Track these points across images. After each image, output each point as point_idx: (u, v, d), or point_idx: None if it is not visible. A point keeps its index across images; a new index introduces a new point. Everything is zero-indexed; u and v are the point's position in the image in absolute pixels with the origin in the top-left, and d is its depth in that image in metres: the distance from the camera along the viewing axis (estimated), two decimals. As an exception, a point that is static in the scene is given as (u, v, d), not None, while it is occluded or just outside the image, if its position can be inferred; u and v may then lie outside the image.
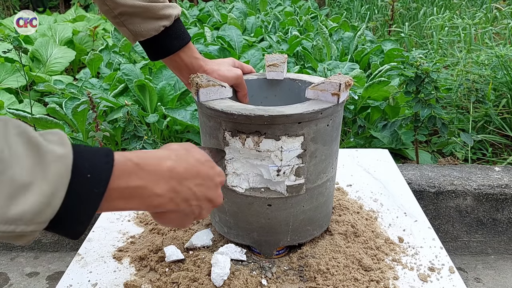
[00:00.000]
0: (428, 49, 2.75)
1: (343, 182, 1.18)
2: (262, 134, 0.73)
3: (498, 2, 3.17)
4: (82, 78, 2.56)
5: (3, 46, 2.76)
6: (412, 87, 1.57)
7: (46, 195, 0.38)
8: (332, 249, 0.86)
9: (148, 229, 0.98)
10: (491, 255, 1.61)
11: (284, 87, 0.95)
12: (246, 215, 0.82)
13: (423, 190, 1.52)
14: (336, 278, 0.79)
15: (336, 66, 2.15)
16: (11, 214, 0.36)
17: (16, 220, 0.36)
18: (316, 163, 0.79)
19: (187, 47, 0.84)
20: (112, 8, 0.78)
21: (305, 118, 0.72)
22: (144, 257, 0.88)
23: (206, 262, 0.82)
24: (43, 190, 0.37)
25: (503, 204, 1.52)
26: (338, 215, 0.98)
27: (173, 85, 2.10)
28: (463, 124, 1.90)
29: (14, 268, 1.61)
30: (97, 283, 0.82)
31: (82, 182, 0.41)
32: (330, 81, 0.75)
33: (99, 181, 0.42)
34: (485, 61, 2.00)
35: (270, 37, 2.92)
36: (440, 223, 1.57)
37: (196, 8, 4.40)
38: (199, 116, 0.84)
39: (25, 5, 5.20)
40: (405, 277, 0.82)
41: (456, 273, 0.84)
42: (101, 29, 3.73)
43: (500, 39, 2.69)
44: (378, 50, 2.52)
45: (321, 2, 4.94)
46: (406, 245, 0.92)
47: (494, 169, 1.61)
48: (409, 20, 3.51)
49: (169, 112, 1.84)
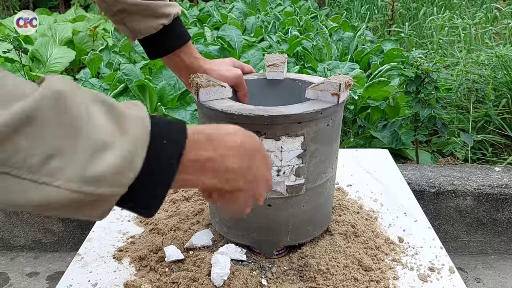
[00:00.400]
0: (428, 49, 2.75)
1: (343, 182, 1.18)
2: (262, 134, 0.73)
3: (498, 2, 3.17)
4: (82, 78, 2.56)
5: (3, 46, 2.75)
6: (412, 87, 1.57)
7: (127, 155, 0.36)
8: (332, 249, 0.86)
9: (148, 229, 0.98)
10: (491, 255, 1.61)
11: (284, 87, 0.95)
12: (246, 215, 0.82)
13: (423, 190, 1.52)
14: (336, 278, 0.79)
15: (336, 66, 2.15)
16: (94, 172, 0.34)
17: (98, 180, 0.34)
18: (316, 163, 0.79)
19: (187, 46, 0.84)
20: (111, 5, 0.78)
21: (305, 118, 0.72)
22: (144, 257, 0.88)
23: (206, 262, 0.82)
24: (124, 150, 0.36)
25: (503, 204, 1.52)
26: (338, 215, 0.98)
27: (173, 85, 2.11)
28: (463, 124, 1.90)
29: (14, 268, 1.61)
30: (97, 283, 0.82)
31: (160, 147, 0.39)
32: (330, 81, 0.75)
33: (175, 148, 0.41)
34: (485, 61, 2.00)
35: (270, 37, 2.92)
36: (440, 223, 1.57)
37: (196, 8, 4.40)
38: (199, 116, 0.84)
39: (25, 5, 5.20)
40: (405, 277, 0.82)
41: (456, 273, 0.84)
42: (101, 29, 3.73)
43: (500, 39, 2.69)
44: (378, 50, 2.52)
45: (321, 2, 4.94)
46: (406, 245, 0.92)
47: (494, 169, 1.61)
48: (409, 20, 3.51)
49: (169, 112, 1.84)
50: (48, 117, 0.32)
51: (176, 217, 1.00)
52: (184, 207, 1.04)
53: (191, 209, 1.03)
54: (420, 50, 2.38)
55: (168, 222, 0.98)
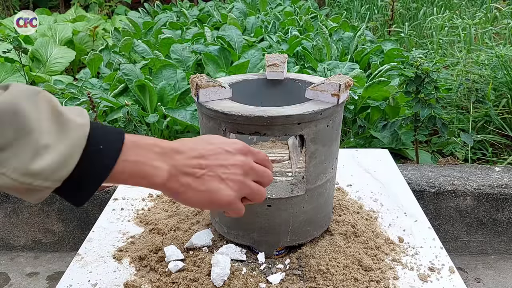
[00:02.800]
0: (428, 49, 2.75)
1: (343, 182, 1.18)
2: (262, 134, 0.73)
3: (498, 2, 3.16)
4: (82, 78, 2.56)
5: (3, 46, 2.75)
6: (412, 87, 1.57)
7: (63, 155, 0.43)
8: (332, 249, 0.86)
9: (148, 229, 0.98)
10: (491, 255, 1.61)
11: (284, 87, 0.95)
12: (246, 215, 0.82)
13: (423, 190, 1.52)
14: (336, 278, 0.79)
15: (336, 66, 2.15)
16: (33, 168, 0.41)
17: (36, 175, 0.42)
18: (316, 163, 0.79)
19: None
20: None
21: (305, 119, 0.72)
22: (144, 257, 0.88)
23: (206, 262, 0.82)
24: (62, 151, 0.43)
25: (503, 204, 1.52)
26: (338, 215, 0.98)
27: (173, 85, 2.10)
28: (463, 124, 1.90)
29: (14, 268, 1.61)
30: (97, 283, 0.82)
31: (95, 150, 0.46)
32: (330, 82, 0.75)
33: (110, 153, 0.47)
34: (485, 61, 2.00)
35: (270, 37, 2.92)
36: (440, 223, 1.57)
37: (196, 8, 4.40)
38: (199, 116, 0.84)
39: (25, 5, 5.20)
40: (405, 277, 0.82)
41: (456, 273, 0.84)
42: (101, 29, 3.73)
43: (500, 39, 2.69)
44: (378, 50, 2.52)
45: (321, 2, 4.93)
46: (406, 245, 0.92)
47: (494, 169, 1.61)
48: (409, 20, 3.51)
49: (169, 112, 1.83)
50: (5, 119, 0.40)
51: (176, 217, 1.00)
52: (184, 207, 1.04)
53: (191, 209, 1.03)
54: (420, 50, 2.38)
55: (168, 222, 0.98)
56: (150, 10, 4.42)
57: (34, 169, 0.41)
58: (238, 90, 0.88)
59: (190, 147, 0.55)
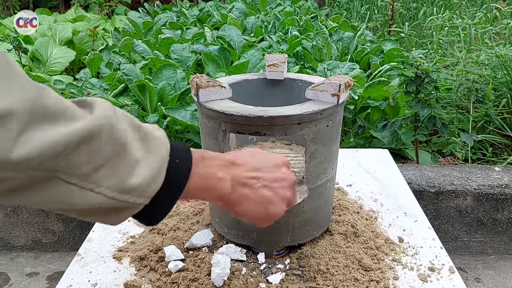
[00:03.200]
0: (428, 49, 2.75)
1: (343, 182, 1.18)
2: (262, 134, 0.73)
3: (498, 2, 3.16)
4: (82, 78, 2.56)
5: (3, 46, 2.75)
6: (412, 87, 1.57)
7: (154, 169, 0.43)
8: (332, 249, 0.86)
9: (148, 229, 0.99)
10: (491, 255, 1.61)
11: (284, 87, 0.95)
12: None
13: (423, 190, 1.52)
14: (336, 278, 0.79)
15: (336, 66, 2.15)
16: (130, 184, 0.41)
17: (132, 190, 0.41)
18: (316, 163, 0.79)
19: None
20: None
21: (305, 119, 0.72)
22: (144, 257, 0.88)
23: (206, 262, 0.82)
24: (152, 166, 0.43)
25: (503, 204, 1.52)
26: (338, 215, 0.98)
27: (173, 85, 2.10)
28: (463, 124, 1.90)
29: (14, 268, 1.61)
30: (97, 283, 0.82)
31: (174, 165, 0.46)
32: (330, 82, 0.75)
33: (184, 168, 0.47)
34: (485, 61, 2.00)
35: (270, 37, 2.92)
36: (440, 223, 1.57)
37: (196, 8, 4.40)
38: (199, 116, 0.84)
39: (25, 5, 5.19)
40: (405, 277, 0.82)
41: (456, 273, 0.84)
42: (101, 29, 3.73)
43: (500, 39, 2.69)
44: (378, 50, 2.52)
45: (321, 2, 4.93)
46: (406, 245, 0.92)
47: (494, 169, 1.61)
48: (409, 20, 3.51)
49: (169, 112, 1.83)
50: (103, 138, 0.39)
51: (176, 217, 1.00)
52: (184, 207, 1.04)
53: (191, 209, 1.03)
54: (420, 50, 2.38)
55: (168, 222, 0.98)
56: (150, 10, 4.42)
57: (131, 184, 0.41)
58: (238, 90, 0.88)
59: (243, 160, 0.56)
